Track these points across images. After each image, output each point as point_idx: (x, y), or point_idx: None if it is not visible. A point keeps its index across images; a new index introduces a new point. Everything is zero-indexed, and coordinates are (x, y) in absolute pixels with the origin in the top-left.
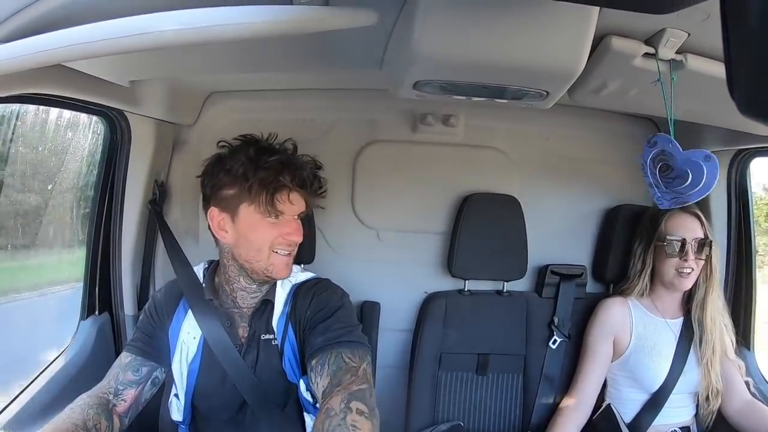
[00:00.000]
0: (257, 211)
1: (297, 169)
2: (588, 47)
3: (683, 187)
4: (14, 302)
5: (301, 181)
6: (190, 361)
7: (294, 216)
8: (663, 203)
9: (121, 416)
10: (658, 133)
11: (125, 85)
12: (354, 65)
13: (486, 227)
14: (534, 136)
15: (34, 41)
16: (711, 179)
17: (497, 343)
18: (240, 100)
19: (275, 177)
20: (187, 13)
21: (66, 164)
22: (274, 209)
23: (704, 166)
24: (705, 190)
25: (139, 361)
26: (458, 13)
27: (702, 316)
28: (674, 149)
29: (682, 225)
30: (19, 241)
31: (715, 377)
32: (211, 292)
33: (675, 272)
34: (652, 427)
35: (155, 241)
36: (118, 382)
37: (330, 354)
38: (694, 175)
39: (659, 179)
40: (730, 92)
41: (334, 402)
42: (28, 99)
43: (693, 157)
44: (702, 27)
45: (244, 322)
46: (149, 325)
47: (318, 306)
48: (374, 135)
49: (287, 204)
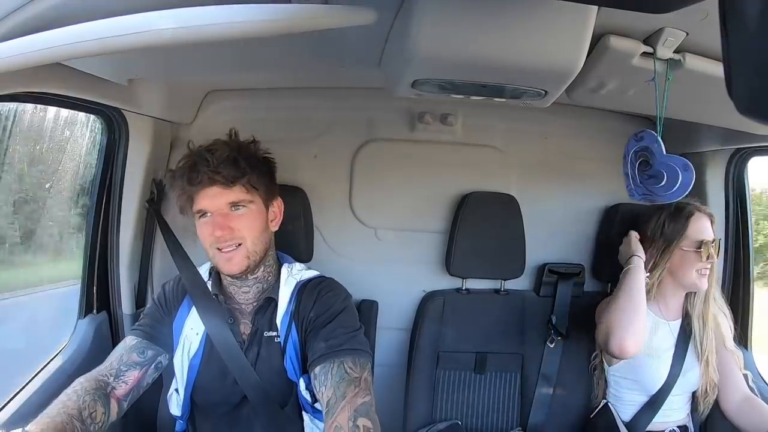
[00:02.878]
0: (194, 212)
1: (202, 165)
2: (586, 46)
3: (656, 188)
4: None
5: (203, 177)
6: (192, 357)
7: (222, 210)
8: (634, 195)
9: (120, 400)
10: (645, 129)
11: (123, 83)
12: (352, 64)
13: (484, 226)
14: (532, 135)
15: (31, 40)
16: (683, 188)
17: (495, 341)
18: (238, 98)
19: (181, 182)
20: (185, 12)
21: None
22: (195, 211)
23: (680, 174)
24: (674, 197)
25: (145, 344)
26: (456, 11)
27: (704, 311)
28: (657, 149)
29: (706, 228)
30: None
31: (712, 370)
32: (216, 288)
33: (697, 274)
34: (650, 426)
35: (153, 239)
36: (122, 363)
37: (333, 363)
38: (668, 179)
39: (636, 172)
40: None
41: (341, 419)
42: (25, 97)
43: (672, 162)
44: (700, 26)
45: (246, 319)
46: (158, 312)
47: (322, 308)
48: (372, 134)
49: (204, 201)
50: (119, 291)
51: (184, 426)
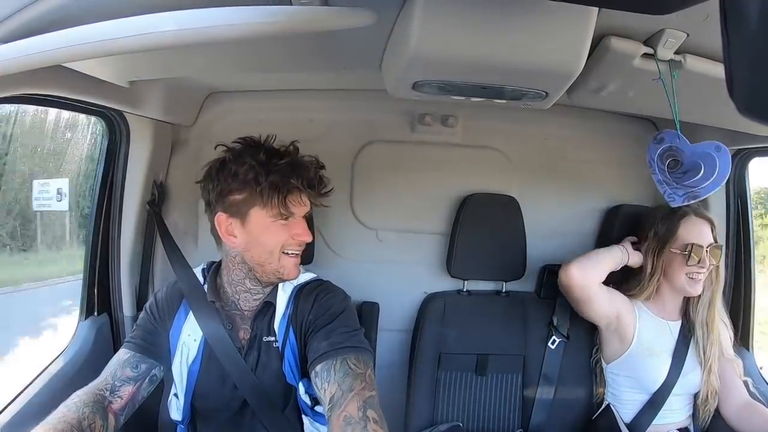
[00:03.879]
0: (269, 215)
1: (304, 170)
2: (587, 48)
3: (695, 180)
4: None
5: (309, 182)
6: (191, 363)
7: (301, 217)
8: (675, 200)
9: (116, 414)
10: (663, 130)
11: (124, 85)
12: (353, 66)
13: (485, 228)
14: (533, 137)
15: (33, 42)
16: (724, 170)
17: (496, 343)
18: (239, 100)
19: (287, 180)
20: (187, 14)
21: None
22: (287, 211)
23: (716, 156)
24: (719, 182)
25: (138, 357)
26: (457, 13)
27: (708, 318)
28: (683, 143)
29: (699, 231)
30: None
31: (714, 378)
32: (213, 293)
33: (686, 278)
34: (651, 427)
35: (154, 242)
36: (116, 378)
37: (335, 360)
38: (706, 167)
39: (668, 175)
40: (730, 92)
41: (351, 409)
42: (27, 99)
43: (703, 149)
44: (701, 27)
45: (246, 324)
46: (150, 323)
47: (321, 310)
48: (373, 135)
49: (298, 206)
50: (120, 293)
51: (185, 431)
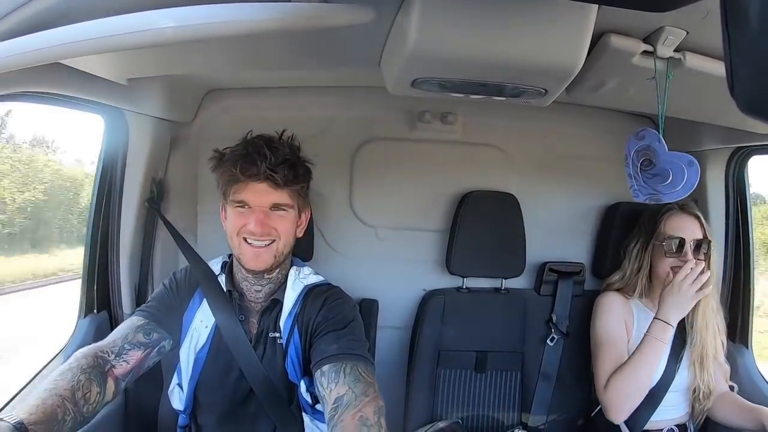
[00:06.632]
0: (229, 201)
1: (261, 158)
2: (587, 45)
3: (662, 186)
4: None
5: (263, 171)
6: (199, 349)
7: (263, 207)
8: (638, 196)
9: (117, 379)
10: (645, 128)
11: (123, 83)
12: (352, 63)
13: (484, 225)
14: (532, 134)
15: (31, 39)
16: (690, 185)
17: (495, 340)
18: (238, 97)
19: (229, 168)
20: (186, 10)
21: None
22: (234, 200)
23: (686, 170)
24: (681, 194)
25: (152, 326)
26: (457, 10)
27: (695, 317)
28: (660, 147)
29: (682, 225)
30: None
31: (707, 378)
32: (230, 284)
33: (670, 271)
34: (649, 424)
35: (153, 239)
36: (126, 341)
37: (345, 364)
38: (674, 177)
39: (639, 172)
40: (730, 90)
41: (367, 411)
42: (25, 97)
43: (677, 159)
44: (701, 25)
45: (254, 318)
46: (168, 297)
47: (330, 314)
48: (372, 132)
49: (248, 194)
50: (120, 290)
51: (186, 420)
